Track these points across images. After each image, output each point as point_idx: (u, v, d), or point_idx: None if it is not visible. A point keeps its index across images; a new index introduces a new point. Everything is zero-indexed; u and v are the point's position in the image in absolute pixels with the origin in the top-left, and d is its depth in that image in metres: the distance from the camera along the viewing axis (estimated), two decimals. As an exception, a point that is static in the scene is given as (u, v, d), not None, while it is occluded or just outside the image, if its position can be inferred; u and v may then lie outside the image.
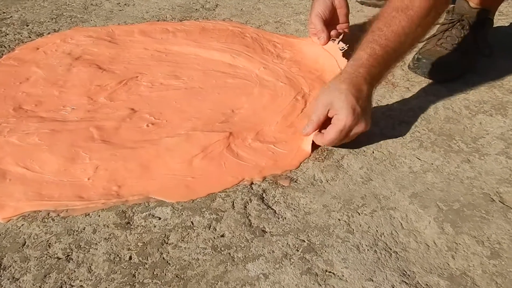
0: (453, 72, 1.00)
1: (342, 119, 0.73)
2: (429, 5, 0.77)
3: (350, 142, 0.77)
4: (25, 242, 0.61)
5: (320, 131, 0.77)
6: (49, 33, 1.16)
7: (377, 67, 0.77)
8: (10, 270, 0.57)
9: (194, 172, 0.73)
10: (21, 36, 1.14)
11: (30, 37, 1.14)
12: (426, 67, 0.99)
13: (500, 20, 1.24)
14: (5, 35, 1.14)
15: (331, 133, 0.74)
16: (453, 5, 1.06)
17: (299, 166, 0.75)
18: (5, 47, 1.09)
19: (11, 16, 1.24)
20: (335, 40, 1.03)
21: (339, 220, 0.66)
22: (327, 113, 0.75)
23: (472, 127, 0.85)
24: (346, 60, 1.00)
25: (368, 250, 0.61)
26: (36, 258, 0.59)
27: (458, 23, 1.03)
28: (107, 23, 1.23)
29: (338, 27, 1.06)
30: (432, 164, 0.76)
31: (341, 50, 1.02)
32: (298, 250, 0.61)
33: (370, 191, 0.71)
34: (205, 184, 0.71)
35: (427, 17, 0.78)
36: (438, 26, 1.06)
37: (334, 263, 0.59)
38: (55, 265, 0.58)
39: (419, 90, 0.96)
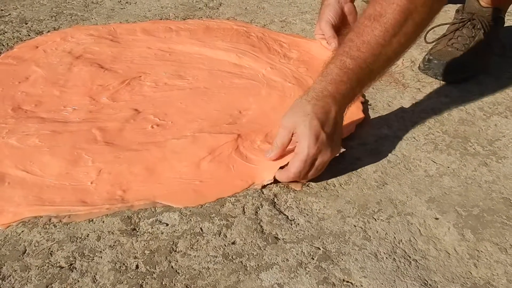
0: (465, 73, 0.98)
1: (304, 148, 0.65)
2: (404, 11, 0.67)
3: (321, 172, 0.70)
4: (26, 250, 0.58)
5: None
6: (48, 31, 1.13)
7: (348, 82, 0.68)
8: (10, 280, 0.54)
9: (202, 176, 0.70)
10: (20, 34, 1.11)
11: (29, 35, 1.11)
12: (437, 68, 0.96)
13: (508, 20, 1.21)
14: (4, 33, 1.11)
15: (295, 164, 0.66)
16: (463, 4, 1.03)
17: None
18: (3, 45, 1.06)
19: (10, 14, 1.21)
20: None
21: (354, 226, 0.63)
22: (292, 136, 0.68)
23: (488, 129, 0.82)
24: None
25: (386, 258, 0.58)
26: (37, 267, 0.56)
27: (468, 23, 1.01)
28: (108, 21, 1.19)
29: None
30: (449, 167, 0.74)
31: None
32: (313, 258, 0.58)
33: (386, 195, 0.68)
34: (214, 188, 0.68)
35: (404, 26, 0.67)
36: (448, 26, 1.04)
37: (351, 272, 0.56)
38: (57, 275, 0.55)
39: (430, 91, 0.94)
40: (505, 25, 1.04)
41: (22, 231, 0.61)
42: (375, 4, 0.68)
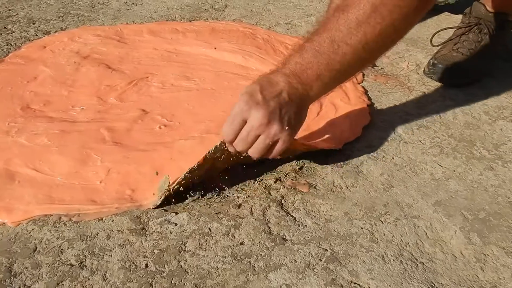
0: (469, 78, 0.98)
1: (236, 105, 0.62)
2: (371, 2, 0.62)
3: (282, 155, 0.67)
4: (36, 248, 0.59)
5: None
6: (56, 31, 1.14)
7: (302, 64, 0.64)
8: (21, 277, 0.55)
9: (210, 177, 0.70)
10: (27, 34, 1.11)
11: (36, 35, 1.11)
12: (442, 73, 0.97)
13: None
14: (11, 33, 1.11)
15: (226, 121, 0.63)
16: (470, 7, 1.04)
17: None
18: (11, 45, 1.06)
19: (17, 14, 1.21)
20: None
21: (361, 228, 0.63)
22: None
23: (493, 133, 0.83)
24: (361, 74, 0.99)
25: (393, 260, 0.59)
26: (48, 265, 0.56)
27: (475, 27, 1.01)
28: (115, 22, 1.20)
29: None
30: (454, 171, 0.74)
31: None
32: (321, 260, 0.58)
33: (392, 198, 0.69)
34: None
35: (371, 17, 0.62)
36: (454, 30, 1.04)
37: (359, 274, 0.57)
38: (68, 272, 0.56)
39: (436, 94, 0.94)
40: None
41: (33, 229, 0.61)
42: None
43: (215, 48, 1.05)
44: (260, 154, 0.64)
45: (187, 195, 0.67)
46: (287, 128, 0.63)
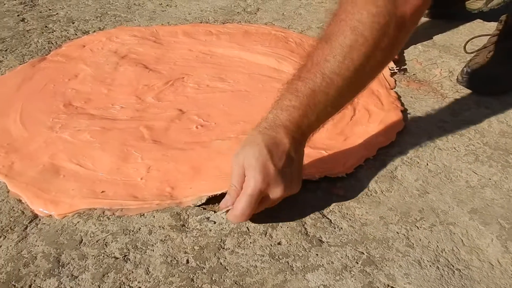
0: (503, 86, 0.97)
1: (250, 182, 0.59)
2: (352, 29, 0.60)
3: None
4: (82, 240, 0.61)
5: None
6: (94, 31, 1.17)
7: (301, 108, 0.62)
8: (69, 267, 0.57)
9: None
10: (67, 33, 1.15)
11: (76, 34, 1.15)
12: (476, 81, 0.96)
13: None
14: (52, 32, 1.15)
15: (242, 201, 0.60)
16: (506, 15, 1.03)
17: (352, 172, 0.74)
18: (52, 43, 1.10)
19: (57, 13, 1.26)
20: None
21: (397, 233, 0.64)
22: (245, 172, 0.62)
23: (529, 142, 0.82)
24: (394, 80, 0.99)
25: (430, 266, 0.59)
26: (93, 257, 0.59)
27: (510, 35, 1.01)
28: (150, 23, 1.23)
29: None
30: (490, 179, 0.74)
31: (390, 70, 1.02)
32: (357, 262, 0.59)
33: (427, 204, 0.69)
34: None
35: (355, 44, 0.60)
36: (488, 37, 1.04)
37: (396, 278, 0.57)
38: (112, 265, 0.58)
39: (470, 101, 0.94)
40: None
41: (78, 222, 0.64)
42: (326, 26, 0.64)
43: None
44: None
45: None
46: (297, 181, 0.65)
